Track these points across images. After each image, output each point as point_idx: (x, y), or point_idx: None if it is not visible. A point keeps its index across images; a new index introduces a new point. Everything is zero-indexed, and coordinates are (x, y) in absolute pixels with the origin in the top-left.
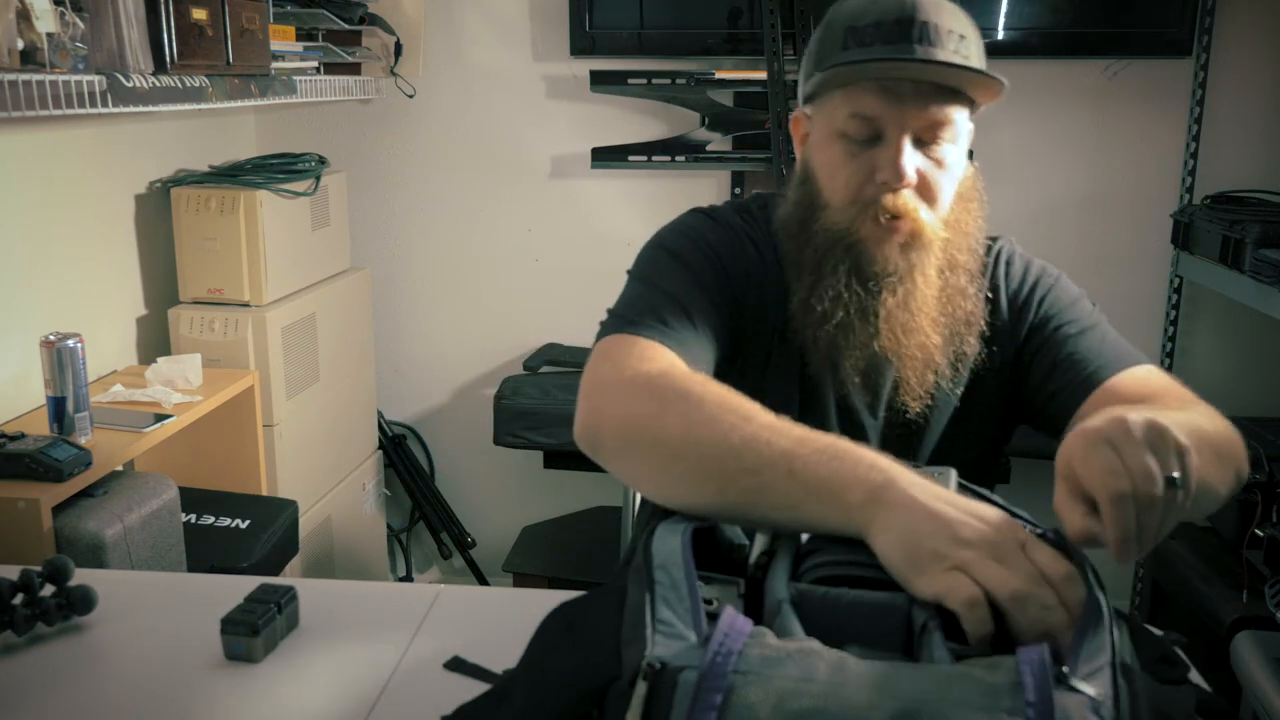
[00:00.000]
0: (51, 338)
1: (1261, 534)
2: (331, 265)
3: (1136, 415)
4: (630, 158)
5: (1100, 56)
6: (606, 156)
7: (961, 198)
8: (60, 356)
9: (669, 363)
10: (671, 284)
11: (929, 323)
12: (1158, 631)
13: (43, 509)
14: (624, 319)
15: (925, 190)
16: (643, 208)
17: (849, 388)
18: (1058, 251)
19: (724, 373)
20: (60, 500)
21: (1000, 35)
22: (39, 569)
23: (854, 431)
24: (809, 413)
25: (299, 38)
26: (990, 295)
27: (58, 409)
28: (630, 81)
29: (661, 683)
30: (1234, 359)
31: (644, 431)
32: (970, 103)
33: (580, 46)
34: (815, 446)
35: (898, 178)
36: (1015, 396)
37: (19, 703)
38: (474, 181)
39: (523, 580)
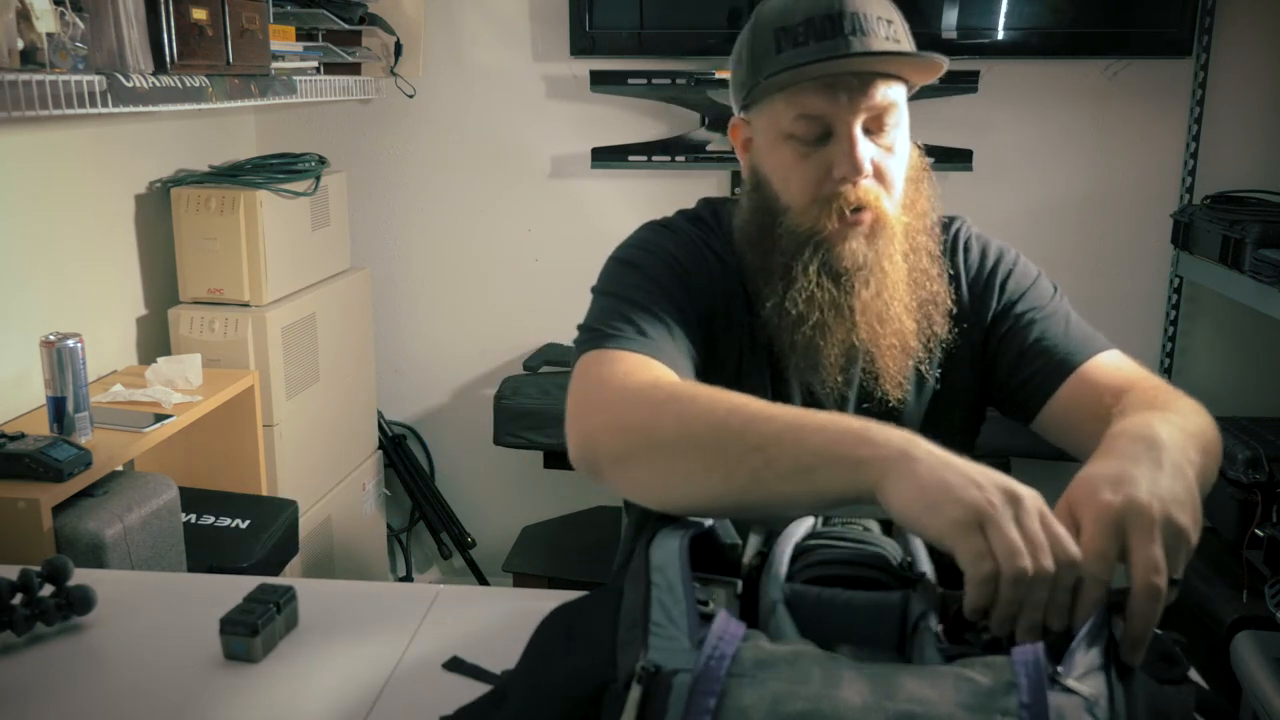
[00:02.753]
0: (51, 338)
1: (1261, 534)
2: (331, 265)
3: (1148, 494)
4: (630, 158)
5: (1100, 56)
6: (606, 156)
7: (912, 180)
8: (60, 356)
9: (653, 372)
10: (639, 294)
11: (903, 309)
12: (1157, 631)
13: (43, 509)
14: (600, 334)
15: (881, 178)
16: (643, 208)
17: (829, 386)
18: (1058, 251)
19: (701, 380)
20: (60, 500)
21: (1000, 35)
22: (38, 569)
23: None
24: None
25: (299, 38)
26: (951, 274)
27: (58, 409)
28: (630, 81)
29: (656, 686)
30: (1234, 359)
31: (641, 439)
32: (906, 84)
33: (580, 46)
34: (819, 418)
35: (856, 170)
36: (985, 379)
37: (19, 703)
38: (474, 181)
39: (523, 580)
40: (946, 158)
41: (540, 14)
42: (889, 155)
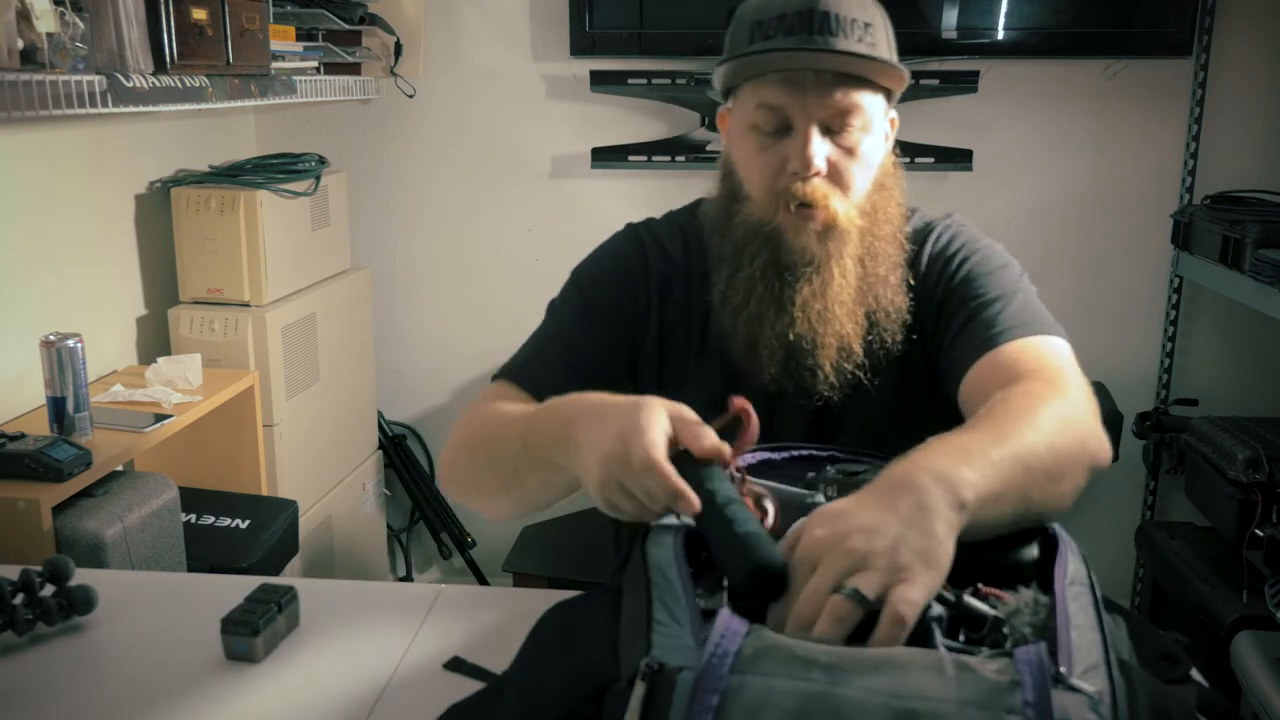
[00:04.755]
0: (51, 338)
1: (1261, 534)
2: (331, 265)
3: (857, 532)
4: (630, 158)
5: (1100, 56)
6: (606, 156)
7: (881, 186)
8: (60, 356)
9: (498, 401)
10: (565, 316)
11: (845, 312)
12: (1160, 630)
13: (43, 509)
14: (505, 364)
15: (837, 178)
16: (643, 208)
17: (769, 376)
18: (1058, 251)
19: (640, 369)
20: (60, 500)
21: (1000, 35)
22: (39, 569)
23: (783, 419)
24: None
25: (299, 38)
26: (910, 266)
27: (58, 409)
28: (630, 81)
29: (660, 683)
30: (1234, 359)
31: (461, 482)
32: (885, 91)
33: (580, 46)
34: (538, 417)
35: (805, 166)
36: (934, 370)
37: (19, 703)
38: (474, 181)
39: (523, 580)
40: (946, 158)
41: (540, 14)
42: (848, 157)
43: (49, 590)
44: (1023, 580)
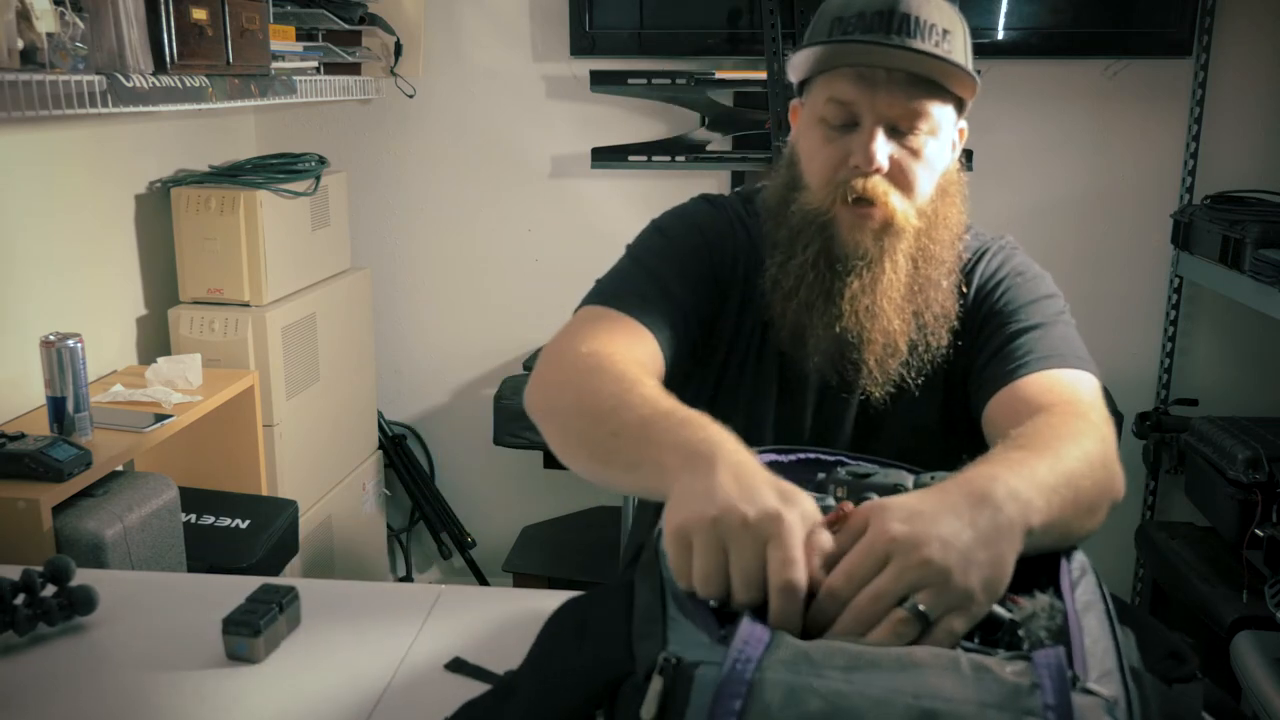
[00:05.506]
0: (51, 338)
1: (1261, 534)
2: (331, 265)
3: (937, 541)
4: (630, 158)
5: (1100, 56)
6: (606, 156)
7: (944, 192)
8: (60, 356)
9: (605, 339)
10: (653, 260)
11: (893, 309)
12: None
13: (43, 509)
14: (598, 291)
15: (899, 178)
16: (643, 208)
17: (814, 366)
18: (1058, 251)
19: (709, 351)
20: (60, 500)
21: (1000, 35)
22: (40, 569)
23: (831, 412)
24: (788, 392)
25: (299, 38)
26: (965, 290)
27: (58, 409)
28: (630, 81)
29: (678, 678)
30: (1234, 359)
31: (552, 401)
32: (956, 100)
33: (580, 46)
34: (674, 418)
35: (868, 162)
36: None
37: (20, 703)
38: (474, 181)
39: (523, 580)
40: None
41: (540, 14)
42: (913, 158)
43: (50, 590)
44: (1036, 584)
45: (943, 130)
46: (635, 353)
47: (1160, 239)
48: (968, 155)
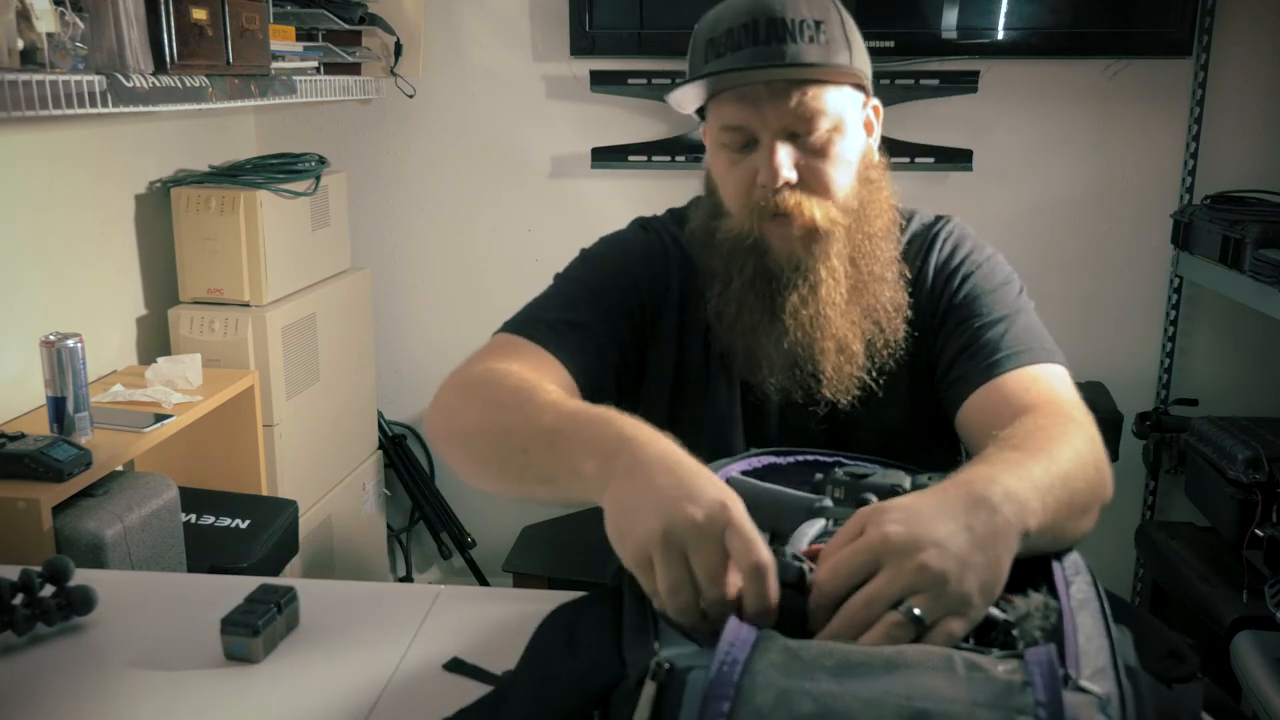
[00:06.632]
0: (51, 338)
1: (1261, 534)
2: (331, 265)
3: (933, 544)
4: (630, 158)
5: (1100, 56)
6: (606, 156)
7: (866, 180)
8: (60, 356)
9: (505, 361)
10: (571, 286)
11: (838, 314)
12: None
13: (43, 509)
14: (512, 319)
15: (811, 183)
16: (642, 208)
17: (774, 385)
18: (1058, 251)
19: (653, 380)
20: (60, 500)
21: (1000, 35)
22: (39, 569)
23: (798, 428)
24: (752, 414)
25: (299, 38)
26: (915, 276)
27: (58, 409)
28: (630, 81)
29: (670, 683)
30: (1234, 359)
31: (452, 423)
32: (856, 85)
33: (580, 46)
34: (579, 419)
35: (772, 179)
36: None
37: (19, 703)
38: (474, 181)
39: (523, 580)
40: (946, 158)
41: (540, 14)
42: (820, 159)
43: (49, 590)
44: (1030, 584)
45: (848, 121)
46: (539, 376)
47: (1160, 239)
48: (968, 155)
